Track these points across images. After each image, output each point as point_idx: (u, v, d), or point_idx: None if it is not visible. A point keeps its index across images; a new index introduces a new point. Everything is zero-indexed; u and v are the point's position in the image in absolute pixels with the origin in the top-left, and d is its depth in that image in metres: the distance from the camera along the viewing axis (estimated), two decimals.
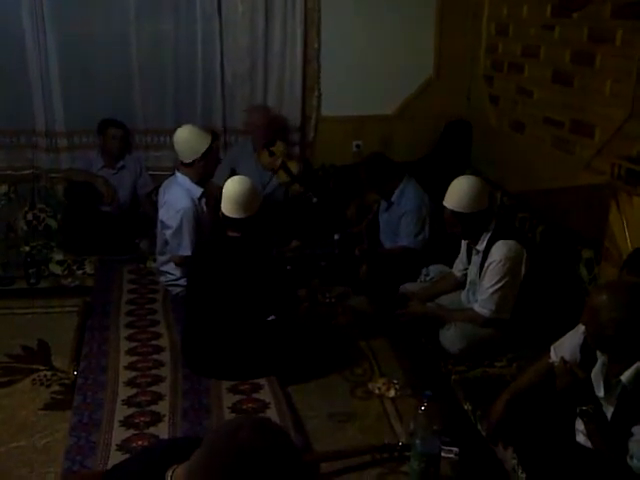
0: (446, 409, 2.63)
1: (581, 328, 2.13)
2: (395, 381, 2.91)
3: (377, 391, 2.86)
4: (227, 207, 2.91)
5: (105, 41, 4.30)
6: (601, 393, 2.01)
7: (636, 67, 2.84)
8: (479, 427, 2.52)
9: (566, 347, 2.25)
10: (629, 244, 2.76)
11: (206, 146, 3.46)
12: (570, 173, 3.32)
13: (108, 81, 4.37)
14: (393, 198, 3.79)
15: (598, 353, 2.05)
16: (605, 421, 1.99)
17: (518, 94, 3.87)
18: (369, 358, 3.13)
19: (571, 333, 2.24)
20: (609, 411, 1.99)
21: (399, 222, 3.75)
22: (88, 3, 4.22)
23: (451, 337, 2.92)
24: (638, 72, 2.82)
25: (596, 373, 2.05)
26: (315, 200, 4.22)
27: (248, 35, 4.39)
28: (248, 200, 2.90)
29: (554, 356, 2.30)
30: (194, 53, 4.38)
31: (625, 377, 1.92)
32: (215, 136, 3.68)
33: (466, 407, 2.65)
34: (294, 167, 4.26)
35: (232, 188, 2.92)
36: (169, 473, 1.29)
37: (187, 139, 3.48)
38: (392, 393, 2.84)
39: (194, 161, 3.46)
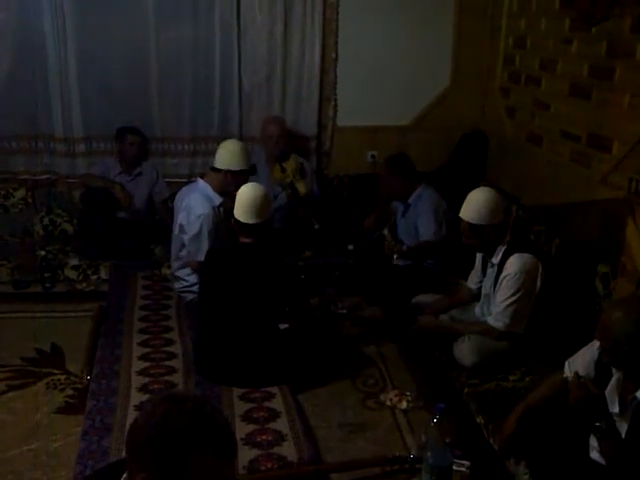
0: (459, 422, 2.61)
1: (596, 344, 2.11)
2: (407, 393, 2.89)
3: (389, 402, 2.85)
4: (241, 212, 2.94)
5: (124, 49, 4.35)
6: (616, 409, 1.99)
7: None
8: (491, 441, 2.50)
9: (580, 362, 2.23)
10: None
11: (243, 167, 3.49)
12: (587, 187, 3.30)
13: (126, 88, 4.42)
14: (410, 200, 3.81)
15: (613, 369, 2.03)
16: (618, 437, 1.97)
17: (535, 107, 3.86)
18: (381, 369, 3.12)
19: (586, 348, 2.22)
20: (624, 428, 1.96)
21: (417, 224, 3.78)
22: (108, 11, 4.26)
23: (464, 350, 2.91)
24: None
25: (611, 389, 2.03)
26: (317, 227, 4.21)
27: (266, 44, 4.42)
28: (261, 206, 2.94)
29: (568, 371, 2.29)
30: (212, 61, 4.41)
31: None
32: (253, 170, 3.68)
33: (479, 420, 2.63)
34: (302, 188, 4.24)
35: (246, 194, 2.96)
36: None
37: (233, 149, 3.53)
38: (404, 405, 2.83)
39: (225, 172, 3.48)
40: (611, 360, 1.98)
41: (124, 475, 1.34)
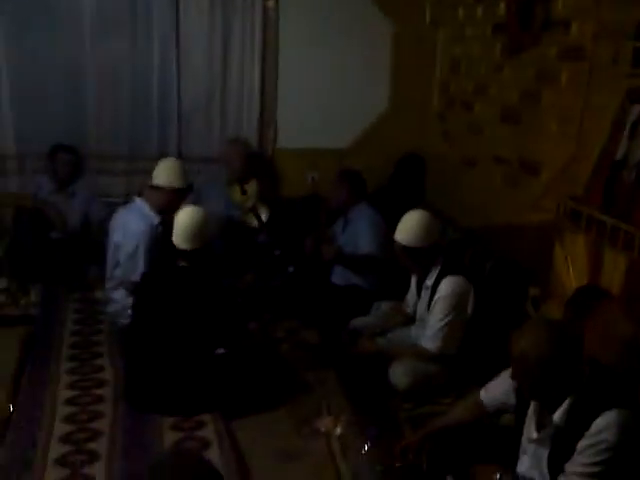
0: (394, 446, 2.59)
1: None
2: (342, 418, 2.85)
3: (324, 429, 2.80)
4: (177, 238, 2.89)
5: (59, 63, 4.26)
6: (534, 435, 2.00)
7: (580, 107, 2.91)
8: (424, 466, 2.49)
9: (500, 390, 2.25)
10: (573, 282, 2.80)
11: (181, 186, 3.43)
12: (518, 210, 3.38)
13: (62, 104, 4.33)
14: (350, 215, 3.83)
15: None
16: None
17: (469, 131, 3.94)
18: (317, 394, 3.08)
19: (504, 375, 2.23)
20: (544, 454, 1.98)
21: (356, 241, 3.78)
22: (43, 24, 4.16)
23: (399, 373, 2.91)
24: (582, 112, 2.90)
25: (530, 415, 2.04)
26: (278, 253, 4.19)
27: (205, 64, 4.41)
28: (198, 232, 2.89)
29: (484, 395, 2.32)
30: (150, 78, 4.37)
31: (557, 416, 1.91)
32: (191, 189, 3.64)
33: None
34: (264, 213, 4.23)
35: (183, 219, 2.91)
36: None
37: (172, 167, 3.48)
38: (339, 431, 2.79)
39: (164, 189, 3.41)
40: (530, 393, 1.99)
41: None
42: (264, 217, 4.23)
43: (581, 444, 1.83)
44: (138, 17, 4.27)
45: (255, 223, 4.25)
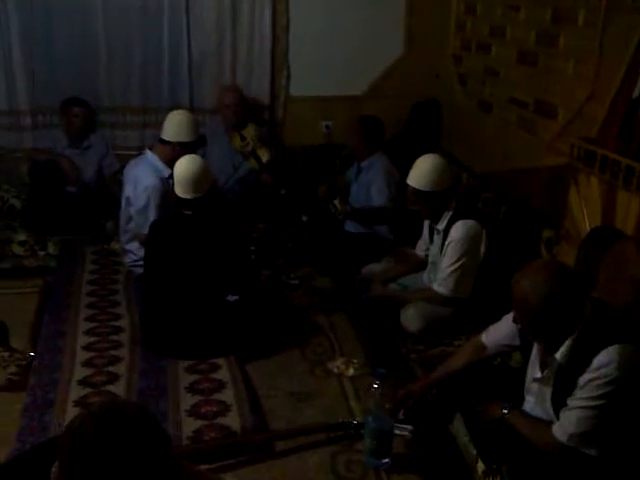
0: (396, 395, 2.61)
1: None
2: (354, 360, 2.90)
3: (336, 370, 2.86)
4: (177, 188, 2.91)
5: (70, 16, 4.21)
6: (538, 375, 2.01)
7: (598, 47, 2.83)
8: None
9: (502, 334, 2.25)
10: (587, 224, 2.77)
11: (192, 139, 3.43)
12: (534, 154, 3.32)
13: (73, 58, 4.30)
14: (363, 164, 3.80)
15: None
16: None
17: (485, 74, 3.86)
18: (330, 337, 3.12)
19: (506, 318, 2.21)
20: (548, 392, 1.98)
21: (368, 190, 3.76)
22: None
23: (411, 316, 2.93)
24: (598, 52, 2.82)
25: (533, 356, 2.05)
26: (283, 192, 4.19)
27: (215, 10, 4.32)
28: (196, 181, 2.88)
29: (485, 338, 2.32)
30: (160, 29, 4.31)
31: (559, 355, 1.91)
32: (203, 141, 3.61)
33: None
34: (264, 155, 4.21)
35: (181, 169, 2.91)
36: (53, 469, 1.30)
37: (181, 121, 3.46)
38: (351, 372, 2.84)
39: (173, 143, 3.42)
40: (533, 333, 1.98)
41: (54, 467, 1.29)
42: (264, 159, 4.20)
43: (583, 379, 1.84)
44: None
45: (257, 166, 4.23)
